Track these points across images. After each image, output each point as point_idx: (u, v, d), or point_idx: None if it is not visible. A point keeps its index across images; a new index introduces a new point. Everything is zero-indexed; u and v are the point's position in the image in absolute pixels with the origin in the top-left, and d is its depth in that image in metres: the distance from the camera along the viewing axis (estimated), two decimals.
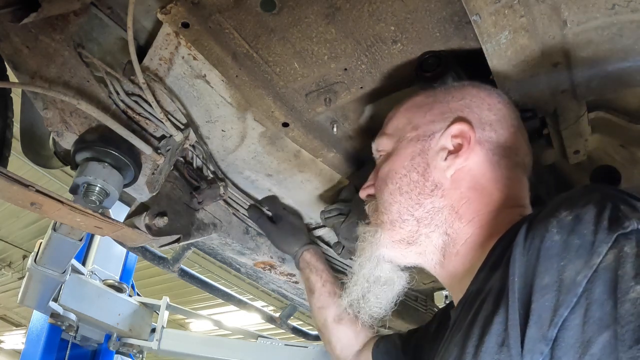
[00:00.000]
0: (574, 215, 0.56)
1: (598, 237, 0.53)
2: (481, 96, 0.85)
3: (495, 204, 0.77)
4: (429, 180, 0.79)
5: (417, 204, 0.79)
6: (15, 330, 11.51)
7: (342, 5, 0.88)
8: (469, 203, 0.77)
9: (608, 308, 0.49)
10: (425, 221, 0.78)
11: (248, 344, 3.08)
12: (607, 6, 0.76)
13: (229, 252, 1.38)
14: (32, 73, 0.88)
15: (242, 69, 0.99)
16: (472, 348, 0.59)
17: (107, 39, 1.00)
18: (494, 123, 0.82)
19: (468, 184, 0.78)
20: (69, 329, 2.56)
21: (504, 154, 0.81)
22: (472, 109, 0.83)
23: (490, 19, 0.79)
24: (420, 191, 0.79)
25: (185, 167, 1.18)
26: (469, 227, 0.77)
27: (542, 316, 0.53)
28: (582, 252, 0.53)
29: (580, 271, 0.52)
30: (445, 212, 0.78)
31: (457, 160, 0.78)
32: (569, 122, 1.02)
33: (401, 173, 0.82)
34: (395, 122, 0.89)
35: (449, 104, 0.85)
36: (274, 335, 4.35)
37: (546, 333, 0.52)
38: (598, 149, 1.19)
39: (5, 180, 0.79)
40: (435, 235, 0.78)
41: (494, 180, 0.79)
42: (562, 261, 0.54)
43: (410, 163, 0.82)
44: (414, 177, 0.80)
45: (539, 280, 0.55)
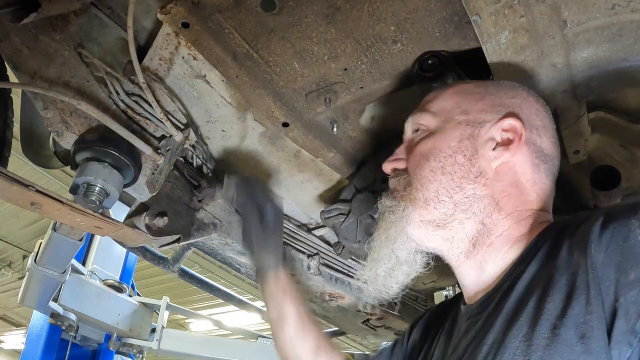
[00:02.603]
0: None
1: None
2: (531, 100, 0.85)
3: (531, 204, 0.79)
4: (475, 166, 0.79)
5: (458, 187, 0.78)
6: (15, 330, 11.51)
7: (342, 5, 0.88)
8: (509, 197, 0.78)
9: None
10: (463, 206, 0.78)
11: (248, 344, 3.08)
12: (607, 6, 0.76)
13: (229, 252, 1.38)
14: (32, 73, 0.88)
15: (242, 69, 0.99)
16: (544, 340, 0.60)
17: (107, 39, 1.00)
18: (540, 128, 0.83)
19: (510, 179, 0.79)
20: (69, 329, 2.56)
21: (544, 160, 0.82)
22: (523, 109, 0.83)
23: (490, 19, 0.79)
24: (464, 175, 0.79)
25: (185, 167, 1.18)
26: (507, 221, 0.78)
27: (629, 310, 0.55)
28: None
29: None
30: (485, 201, 0.78)
31: (505, 153, 0.79)
32: (569, 122, 1.02)
33: (446, 152, 0.80)
34: (442, 103, 0.87)
35: (501, 98, 0.84)
36: None
37: (634, 326, 0.54)
38: (598, 149, 1.19)
39: (5, 180, 0.79)
40: (470, 223, 0.78)
41: (532, 182, 0.80)
42: None
43: (458, 145, 0.80)
44: (460, 159, 0.79)
45: (624, 277, 0.57)
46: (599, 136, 1.14)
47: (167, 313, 3.01)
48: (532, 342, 0.60)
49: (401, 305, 1.80)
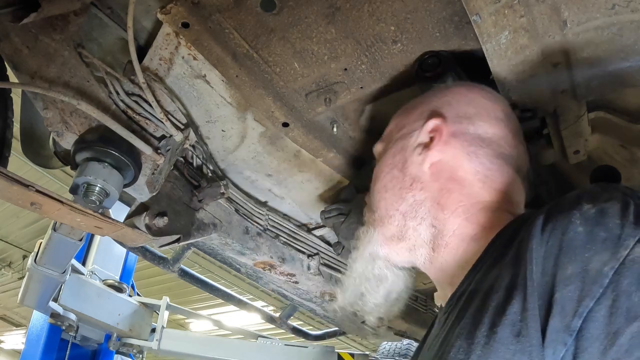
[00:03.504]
0: (597, 208, 0.56)
1: (625, 230, 0.54)
2: (462, 92, 0.87)
3: (478, 196, 0.78)
4: (407, 174, 0.82)
5: (400, 199, 0.82)
6: (15, 330, 11.51)
7: (342, 5, 0.88)
8: (449, 193, 0.79)
9: (636, 300, 0.50)
10: (411, 214, 0.80)
11: (248, 344, 3.08)
12: (607, 6, 0.76)
13: (229, 252, 1.38)
14: (32, 73, 0.88)
15: (242, 69, 0.99)
16: (483, 338, 0.58)
17: (107, 39, 1.00)
18: (474, 116, 0.83)
19: (447, 175, 0.80)
20: (69, 329, 2.56)
21: (482, 145, 0.81)
22: (452, 104, 0.85)
23: (490, 19, 0.79)
24: (401, 186, 0.82)
25: (185, 167, 1.18)
26: (455, 218, 0.77)
27: (565, 307, 0.53)
28: (608, 244, 0.53)
29: (607, 263, 0.52)
30: (427, 204, 0.80)
31: (429, 152, 0.81)
32: (569, 122, 1.02)
33: (385, 171, 0.86)
34: (388, 128, 0.94)
35: (430, 102, 0.87)
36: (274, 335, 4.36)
37: (570, 323, 0.52)
38: (598, 149, 1.19)
39: (5, 180, 0.79)
40: (423, 228, 0.80)
41: (473, 171, 0.79)
42: (587, 252, 0.54)
43: (392, 161, 0.86)
44: (395, 173, 0.84)
45: (561, 271, 0.55)
46: (599, 136, 1.14)
47: (167, 313, 3.01)
48: (473, 340, 0.59)
49: None
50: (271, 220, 1.45)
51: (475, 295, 0.64)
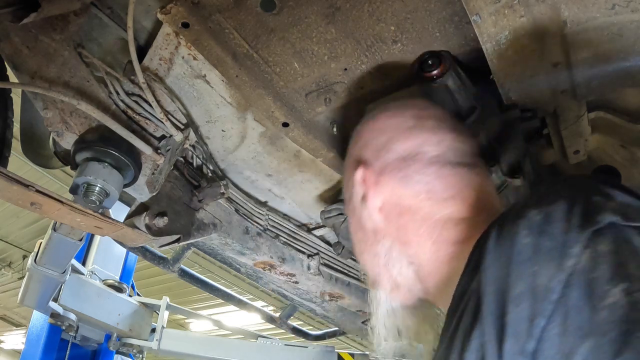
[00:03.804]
0: (543, 214, 0.52)
1: (569, 236, 0.49)
2: (370, 126, 0.87)
3: (434, 213, 0.74)
4: (367, 231, 0.82)
5: (375, 255, 0.81)
6: (15, 330, 11.50)
7: (342, 5, 0.88)
8: (406, 227, 0.77)
9: (586, 315, 0.45)
10: (390, 264, 0.79)
11: (248, 344, 3.08)
12: (607, 6, 0.76)
13: (229, 252, 1.38)
14: (32, 73, 0.88)
15: (242, 69, 0.99)
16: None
17: (107, 39, 1.00)
18: (386, 143, 0.81)
19: (395, 212, 0.78)
20: (69, 329, 2.56)
21: (409, 163, 0.78)
22: (367, 144, 0.85)
23: (490, 19, 0.79)
24: (370, 243, 0.82)
25: (185, 167, 1.18)
26: (423, 246, 0.75)
27: (518, 328, 0.49)
28: (554, 254, 0.49)
29: (554, 276, 0.48)
30: (395, 247, 0.79)
31: (369, 202, 0.79)
32: (569, 122, 1.02)
33: (355, 238, 0.88)
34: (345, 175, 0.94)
35: (352, 154, 0.88)
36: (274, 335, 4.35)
37: (524, 346, 0.48)
38: (598, 149, 1.19)
39: (5, 180, 0.79)
40: (404, 270, 0.78)
41: (414, 194, 0.76)
42: (534, 266, 0.50)
43: (354, 226, 0.86)
44: (360, 236, 0.85)
45: (511, 290, 0.51)
46: (599, 136, 1.14)
47: (167, 313, 3.01)
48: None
49: None
50: (271, 220, 1.45)
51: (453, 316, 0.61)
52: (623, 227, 0.49)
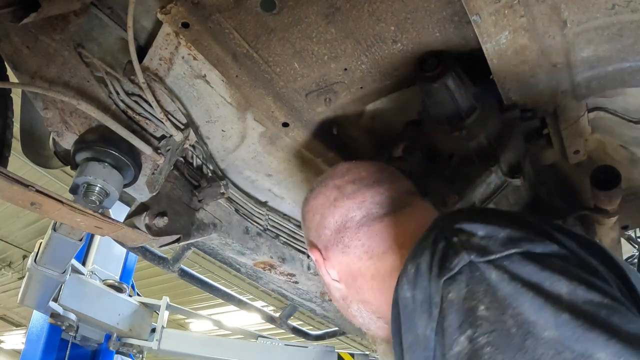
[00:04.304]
0: (415, 267, 0.56)
1: (432, 287, 0.53)
2: (305, 210, 0.91)
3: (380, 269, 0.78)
4: (339, 300, 0.86)
5: (353, 318, 0.85)
6: (15, 330, 11.50)
7: (342, 5, 0.88)
8: (362, 289, 0.80)
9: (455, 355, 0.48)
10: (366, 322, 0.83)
11: (248, 344, 3.08)
12: (607, 6, 0.76)
13: (229, 252, 1.38)
14: (32, 73, 0.88)
15: (242, 69, 0.99)
16: None
17: (107, 39, 1.00)
18: (320, 221, 0.86)
19: (350, 279, 0.82)
20: (69, 329, 2.56)
21: (342, 233, 0.82)
22: (310, 227, 0.89)
23: (490, 19, 0.79)
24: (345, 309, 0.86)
25: (185, 167, 1.18)
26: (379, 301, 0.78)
27: None
28: (425, 306, 0.53)
29: (427, 325, 0.52)
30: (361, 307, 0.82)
31: (326, 278, 0.85)
32: (569, 122, 1.02)
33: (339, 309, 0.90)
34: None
35: (306, 239, 0.92)
36: (274, 335, 4.35)
37: None
38: (598, 149, 1.19)
39: (5, 180, 0.79)
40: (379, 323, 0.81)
41: (356, 258, 0.80)
42: (414, 318, 0.54)
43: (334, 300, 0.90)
44: (339, 305, 0.88)
45: (404, 341, 0.56)
46: (599, 136, 1.14)
47: (167, 313, 3.01)
48: None
49: None
50: (271, 220, 1.45)
51: None
52: (479, 265, 0.51)
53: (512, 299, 0.46)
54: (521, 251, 0.50)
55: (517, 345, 0.44)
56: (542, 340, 0.43)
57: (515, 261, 0.49)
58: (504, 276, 0.48)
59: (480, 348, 0.46)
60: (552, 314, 0.44)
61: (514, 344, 0.44)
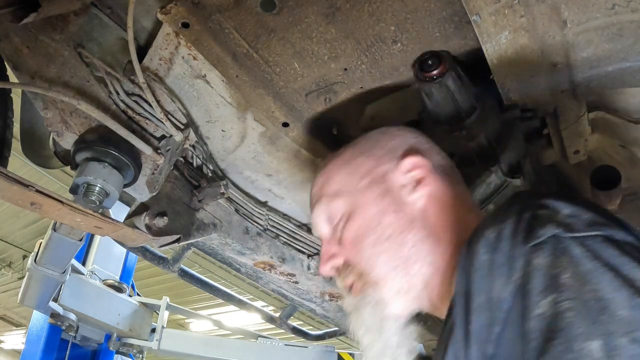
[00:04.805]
0: (496, 232, 0.58)
1: (515, 251, 0.55)
2: (402, 133, 0.90)
3: (465, 219, 0.77)
4: (404, 216, 0.78)
5: (401, 245, 0.76)
6: (15, 330, 11.50)
7: (342, 5, 0.88)
8: (443, 225, 0.77)
9: (533, 322, 0.50)
10: (412, 258, 0.75)
11: (248, 344, 3.08)
12: (607, 6, 0.76)
13: (229, 252, 1.38)
14: (32, 73, 0.88)
15: (242, 69, 0.99)
16: None
17: (107, 39, 1.00)
18: (429, 149, 0.87)
19: (437, 206, 0.79)
20: (69, 329, 2.56)
21: (448, 173, 0.84)
22: (411, 142, 0.87)
23: (490, 19, 0.79)
24: (402, 229, 0.77)
25: (185, 167, 1.18)
26: (449, 248, 0.75)
27: (480, 335, 0.56)
28: (504, 269, 0.55)
29: (504, 288, 0.54)
30: (428, 242, 0.76)
31: (423, 190, 0.79)
32: (569, 122, 1.02)
33: (376, 221, 0.78)
34: (336, 183, 0.86)
35: (385, 145, 0.87)
36: (274, 335, 4.35)
37: (485, 351, 0.55)
38: (598, 149, 1.19)
39: (5, 180, 0.79)
40: (424, 269, 0.75)
41: (454, 195, 0.81)
42: (490, 280, 0.56)
43: (379, 208, 0.79)
44: (390, 219, 0.77)
45: (474, 302, 0.57)
46: (599, 136, 1.14)
47: (167, 313, 3.01)
48: None
49: None
50: (271, 220, 1.45)
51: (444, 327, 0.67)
52: (564, 239, 0.53)
53: (593, 275, 0.49)
54: (603, 235, 0.53)
55: (593, 318, 0.47)
56: (616, 317, 0.47)
57: (598, 242, 0.52)
58: (587, 253, 0.51)
59: (562, 312, 0.48)
60: (628, 295, 0.47)
61: (591, 315, 0.47)
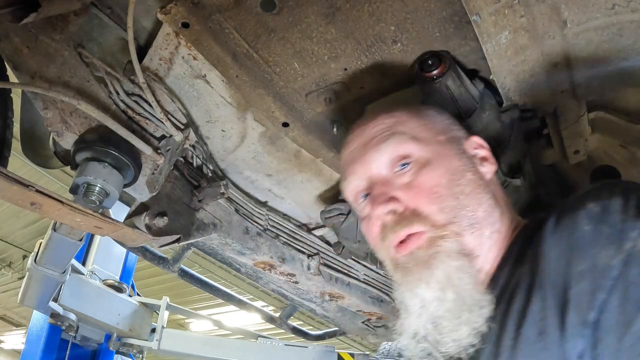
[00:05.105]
0: (601, 206, 0.60)
1: (627, 224, 0.57)
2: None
3: (503, 198, 0.83)
4: (480, 179, 0.79)
5: (478, 205, 0.75)
6: (15, 330, 11.50)
7: (342, 5, 0.88)
8: (500, 198, 0.82)
9: (632, 292, 0.53)
10: (485, 221, 0.75)
11: (248, 344, 3.08)
12: (607, 6, 0.76)
13: (229, 252, 1.38)
14: (32, 73, 0.88)
15: (242, 69, 0.99)
16: (510, 341, 0.62)
17: (107, 39, 1.00)
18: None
19: (497, 185, 0.84)
20: (69, 329, 2.56)
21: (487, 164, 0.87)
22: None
23: (490, 19, 0.79)
24: (479, 190, 0.77)
25: (185, 167, 1.18)
26: (507, 222, 0.80)
27: (580, 302, 0.56)
28: (613, 238, 0.57)
29: (614, 256, 0.56)
30: (497, 210, 0.78)
31: (488, 167, 0.84)
32: (569, 122, 1.02)
33: (459, 174, 0.77)
34: (408, 127, 0.82)
35: (449, 118, 0.90)
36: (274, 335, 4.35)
37: (586, 317, 0.55)
38: (598, 149, 1.19)
39: (5, 180, 0.79)
40: (493, 234, 0.76)
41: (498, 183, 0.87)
42: (595, 249, 0.58)
43: (461, 163, 0.79)
44: (470, 176, 0.78)
45: (574, 269, 0.58)
46: (599, 136, 1.14)
47: (167, 313, 3.01)
48: (501, 344, 0.63)
49: None
50: (271, 220, 1.45)
51: (502, 297, 0.68)
52: None
53: None
54: None
55: None
56: None
57: None
58: None
59: None
60: None
61: None
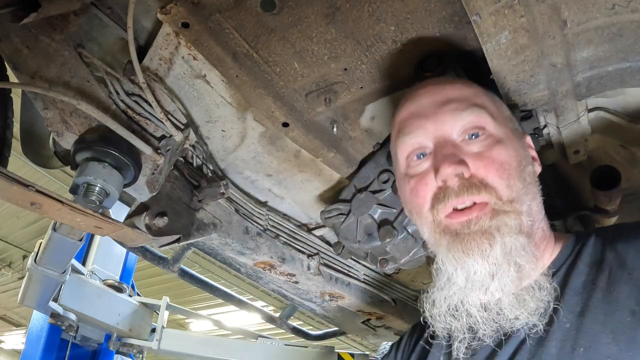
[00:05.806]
0: None
1: None
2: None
3: None
4: (535, 175, 0.83)
5: (535, 195, 0.80)
6: (15, 330, 11.50)
7: (342, 5, 0.88)
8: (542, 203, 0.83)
9: None
10: (537, 216, 0.80)
11: (248, 344, 3.08)
12: (607, 6, 0.76)
13: (229, 252, 1.38)
14: (32, 73, 0.88)
15: (242, 69, 0.99)
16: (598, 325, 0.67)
17: (107, 39, 1.00)
18: None
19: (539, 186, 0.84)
20: (69, 329, 2.56)
21: None
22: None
23: (490, 19, 0.79)
24: (535, 184, 0.81)
25: (185, 167, 1.18)
26: (546, 224, 0.82)
27: None
28: None
29: None
30: (542, 206, 0.82)
31: (537, 167, 0.86)
32: (569, 122, 1.02)
33: (525, 162, 0.79)
34: (487, 104, 0.83)
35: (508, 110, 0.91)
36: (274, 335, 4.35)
37: None
38: (598, 149, 1.19)
39: (5, 180, 0.79)
40: (539, 229, 0.81)
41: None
42: None
43: (525, 154, 0.82)
44: (530, 169, 0.81)
45: None
46: (599, 136, 1.14)
47: (167, 313, 3.01)
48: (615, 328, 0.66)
49: (401, 305, 1.80)
50: (271, 220, 1.45)
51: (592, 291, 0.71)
52: None
53: None
54: None
55: None
56: None
57: None
58: None
59: None
60: None
61: None
